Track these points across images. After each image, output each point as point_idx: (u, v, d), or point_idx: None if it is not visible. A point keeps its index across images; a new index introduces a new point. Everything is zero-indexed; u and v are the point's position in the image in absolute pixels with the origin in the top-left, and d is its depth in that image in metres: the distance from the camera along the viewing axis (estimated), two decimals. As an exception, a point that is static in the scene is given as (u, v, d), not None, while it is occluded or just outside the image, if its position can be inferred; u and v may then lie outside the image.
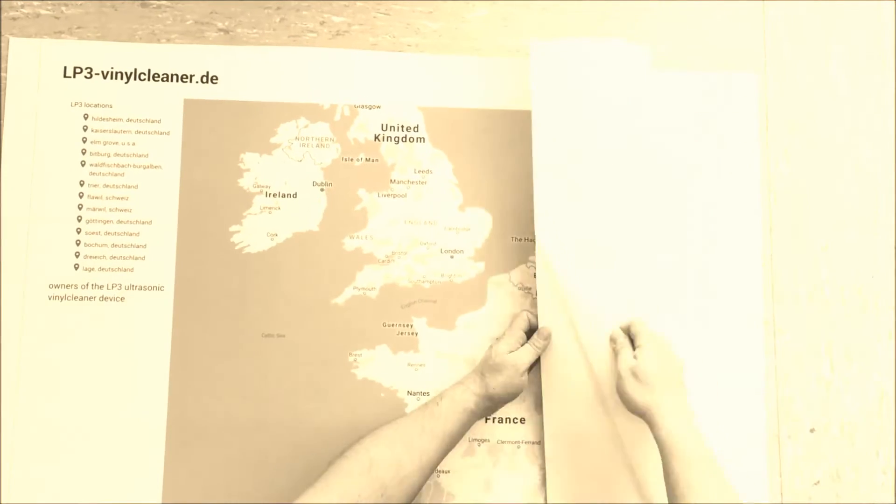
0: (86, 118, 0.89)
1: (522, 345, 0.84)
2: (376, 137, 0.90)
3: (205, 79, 0.90)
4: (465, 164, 0.90)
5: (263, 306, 0.87)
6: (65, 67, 0.90)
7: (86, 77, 0.89)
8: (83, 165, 0.88)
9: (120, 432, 0.85)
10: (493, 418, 0.87)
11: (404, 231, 0.90)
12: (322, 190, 0.89)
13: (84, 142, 0.89)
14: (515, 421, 0.88)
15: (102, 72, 0.90)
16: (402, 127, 0.91)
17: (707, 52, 0.93)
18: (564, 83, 0.85)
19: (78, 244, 0.87)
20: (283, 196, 0.89)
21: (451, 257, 0.89)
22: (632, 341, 0.81)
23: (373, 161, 0.90)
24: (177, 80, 0.90)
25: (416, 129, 0.91)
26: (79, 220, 0.88)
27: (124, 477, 0.85)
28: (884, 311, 0.90)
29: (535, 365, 0.85)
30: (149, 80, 0.90)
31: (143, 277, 0.87)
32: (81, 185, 0.88)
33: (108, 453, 0.85)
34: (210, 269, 0.88)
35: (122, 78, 0.90)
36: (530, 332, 0.85)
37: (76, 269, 0.87)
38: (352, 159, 0.90)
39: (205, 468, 0.85)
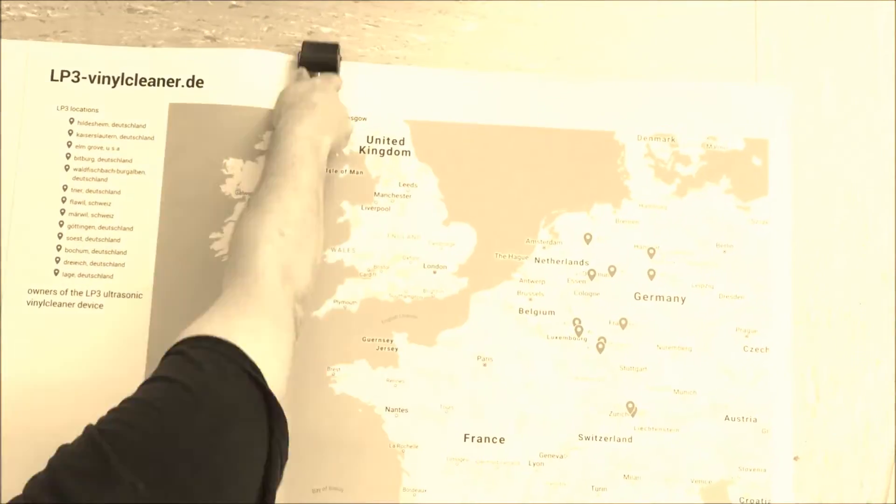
0: (71, 122, 0.88)
1: None
2: (361, 149, 0.89)
3: (190, 82, 0.89)
4: (451, 179, 0.89)
5: (243, 317, 0.86)
6: (52, 70, 0.89)
7: (73, 81, 0.89)
8: (67, 170, 0.88)
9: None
10: (472, 437, 0.86)
11: (387, 245, 0.88)
12: (305, 201, 0.88)
13: (69, 146, 0.88)
14: (495, 441, 0.86)
15: (90, 76, 0.89)
16: (388, 140, 0.90)
17: (700, 71, 0.92)
18: None
19: (59, 249, 0.87)
20: (266, 205, 0.88)
21: (434, 272, 0.88)
22: None
23: (357, 173, 0.89)
24: (163, 85, 0.89)
25: (402, 142, 0.90)
26: (60, 226, 0.87)
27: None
28: (872, 338, 0.89)
29: None
30: (136, 84, 0.89)
31: (122, 284, 0.86)
32: (64, 189, 0.87)
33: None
34: (189, 276, 0.86)
35: (109, 82, 0.89)
36: None
37: (56, 274, 0.86)
38: (336, 171, 0.89)
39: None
